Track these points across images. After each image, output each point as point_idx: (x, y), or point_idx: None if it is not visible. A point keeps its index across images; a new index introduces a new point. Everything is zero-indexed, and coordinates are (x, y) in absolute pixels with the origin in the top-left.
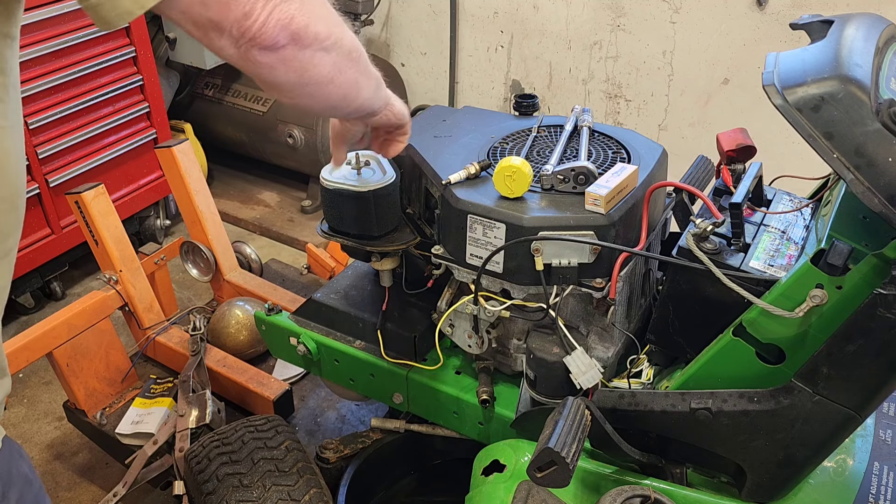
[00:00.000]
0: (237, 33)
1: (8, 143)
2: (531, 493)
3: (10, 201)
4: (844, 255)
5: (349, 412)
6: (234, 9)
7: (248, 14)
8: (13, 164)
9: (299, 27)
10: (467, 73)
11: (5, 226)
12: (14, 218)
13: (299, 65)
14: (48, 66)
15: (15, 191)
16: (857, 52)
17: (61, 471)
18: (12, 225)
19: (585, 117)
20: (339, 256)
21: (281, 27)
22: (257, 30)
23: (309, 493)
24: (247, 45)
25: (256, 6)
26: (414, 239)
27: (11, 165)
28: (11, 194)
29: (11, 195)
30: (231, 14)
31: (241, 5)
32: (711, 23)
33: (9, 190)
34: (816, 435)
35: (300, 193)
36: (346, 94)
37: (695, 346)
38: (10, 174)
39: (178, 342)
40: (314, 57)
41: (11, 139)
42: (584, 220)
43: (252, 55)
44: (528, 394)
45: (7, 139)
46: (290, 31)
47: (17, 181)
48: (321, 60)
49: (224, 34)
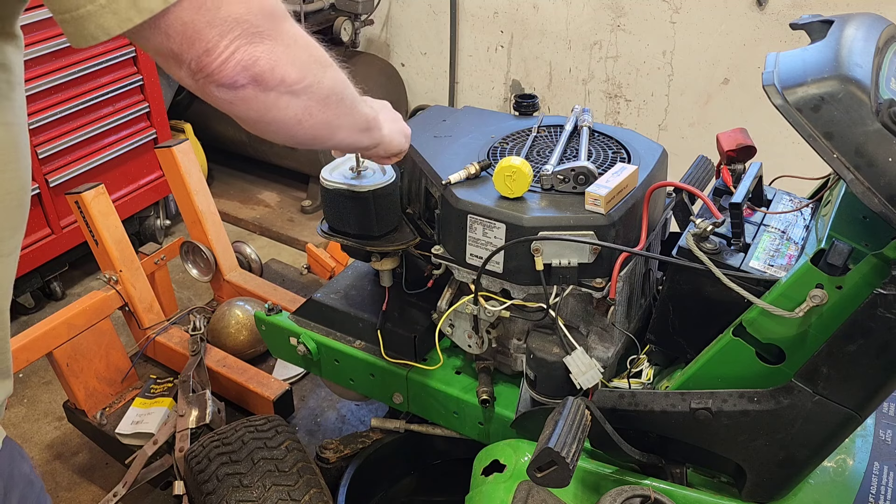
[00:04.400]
0: (195, 67)
1: (15, 139)
2: (531, 493)
3: (17, 197)
4: (844, 255)
5: (349, 412)
6: (197, 45)
7: (210, 51)
8: (21, 160)
9: (262, 70)
10: (467, 73)
11: (12, 222)
12: (20, 214)
13: (261, 105)
14: (48, 66)
15: (21, 187)
16: (857, 52)
17: (61, 471)
18: (18, 221)
19: (585, 117)
20: (339, 256)
21: (241, 68)
22: (216, 67)
23: (309, 493)
24: (204, 80)
25: (220, 45)
26: (414, 239)
27: (19, 161)
28: (18, 189)
29: (18, 191)
30: (192, 50)
31: (203, 42)
32: (711, 23)
33: (16, 184)
34: (816, 435)
35: (300, 193)
36: (315, 135)
37: (695, 346)
38: (18, 170)
39: (178, 342)
40: (279, 100)
41: (17, 136)
42: (584, 220)
43: (209, 90)
44: (528, 394)
45: (14, 135)
46: (252, 73)
47: (23, 177)
48: (287, 104)
49: (183, 66)
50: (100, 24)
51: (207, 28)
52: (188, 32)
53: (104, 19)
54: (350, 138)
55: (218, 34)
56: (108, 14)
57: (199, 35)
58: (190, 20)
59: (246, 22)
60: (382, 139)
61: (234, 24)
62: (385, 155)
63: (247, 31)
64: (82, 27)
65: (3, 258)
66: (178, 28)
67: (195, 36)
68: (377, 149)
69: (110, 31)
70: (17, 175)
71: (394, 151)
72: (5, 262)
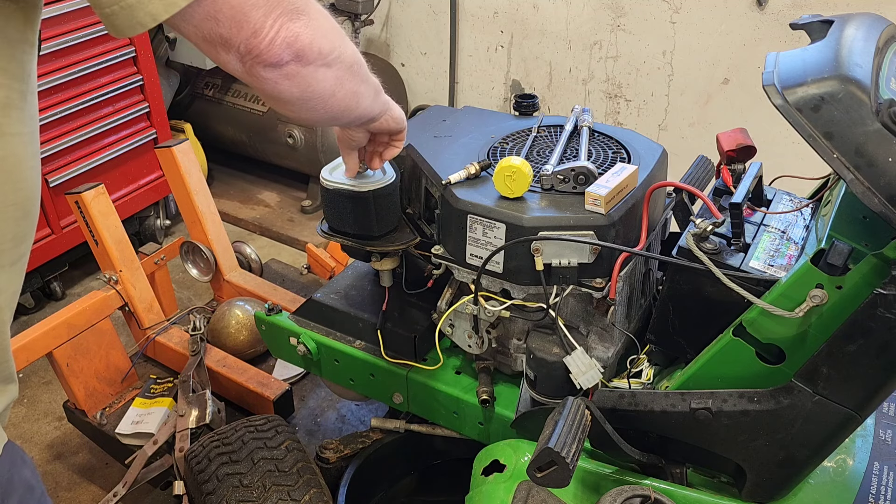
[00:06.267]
0: (244, 50)
1: (22, 150)
2: (531, 493)
3: (22, 208)
4: (844, 255)
5: (349, 412)
6: (245, 27)
7: (257, 32)
8: (27, 171)
9: (304, 45)
10: (467, 73)
11: (18, 232)
12: (27, 225)
13: (302, 80)
14: (48, 67)
15: (27, 197)
16: (857, 52)
17: (61, 471)
18: (25, 231)
19: (585, 117)
20: (339, 256)
21: (286, 45)
22: (265, 48)
23: (309, 493)
24: (252, 62)
25: (266, 24)
26: (414, 239)
27: (25, 172)
28: (24, 200)
29: (24, 201)
30: (241, 32)
31: (251, 23)
32: (711, 23)
33: (21, 195)
34: (816, 435)
35: (300, 193)
36: (347, 105)
37: (695, 346)
38: (24, 181)
39: (178, 342)
40: (317, 72)
41: (26, 147)
42: (584, 220)
43: (256, 71)
44: (528, 394)
45: (21, 146)
46: (295, 48)
47: (30, 188)
48: (324, 76)
49: (232, 50)
50: (148, 11)
51: (253, 10)
52: (236, 16)
53: (152, 6)
54: (369, 106)
55: (263, 14)
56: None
57: (245, 17)
58: (237, 3)
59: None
60: (388, 103)
61: (276, 2)
62: (393, 122)
63: (286, 10)
64: (132, 16)
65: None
66: (226, 12)
67: (243, 19)
68: (385, 116)
69: (158, 17)
70: (22, 186)
71: (399, 116)
72: (8, 272)
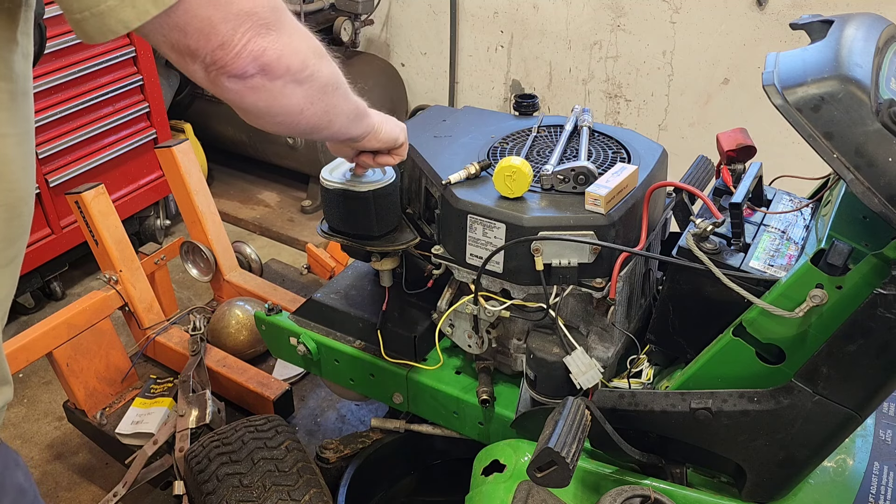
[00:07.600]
0: (210, 61)
1: (11, 151)
2: (531, 493)
3: (12, 209)
4: (844, 255)
5: (349, 412)
6: (213, 39)
7: (224, 45)
8: (16, 171)
9: (270, 60)
10: (467, 73)
11: (9, 233)
12: (17, 226)
13: (268, 94)
14: (48, 67)
15: (18, 198)
16: (857, 52)
17: (61, 471)
18: (16, 233)
19: (585, 117)
20: (339, 256)
21: (252, 58)
22: (230, 59)
23: (309, 493)
24: (216, 72)
25: (234, 38)
26: (414, 239)
27: (14, 173)
28: (13, 202)
29: (14, 203)
30: (209, 44)
31: (219, 36)
32: (711, 23)
33: (12, 196)
34: (816, 435)
35: (300, 193)
36: (316, 124)
37: (695, 346)
38: (13, 182)
39: (178, 342)
40: (285, 88)
41: (16, 147)
42: (584, 220)
43: (220, 81)
44: (528, 394)
45: (9, 147)
46: (261, 62)
47: (20, 189)
48: (292, 91)
49: (197, 61)
50: (120, 19)
51: (222, 23)
52: (205, 28)
53: (124, 13)
54: (345, 127)
55: (231, 28)
56: (127, 8)
57: (214, 30)
58: (206, 15)
59: (255, 15)
60: (373, 127)
61: (245, 17)
62: (378, 143)
63: (256, 24)
64: (103, 23)
65: None
66: (195, 24)
67: (211, 31)
68: (369, 137)
69: (129, 24)
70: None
71: (388, 138)
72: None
